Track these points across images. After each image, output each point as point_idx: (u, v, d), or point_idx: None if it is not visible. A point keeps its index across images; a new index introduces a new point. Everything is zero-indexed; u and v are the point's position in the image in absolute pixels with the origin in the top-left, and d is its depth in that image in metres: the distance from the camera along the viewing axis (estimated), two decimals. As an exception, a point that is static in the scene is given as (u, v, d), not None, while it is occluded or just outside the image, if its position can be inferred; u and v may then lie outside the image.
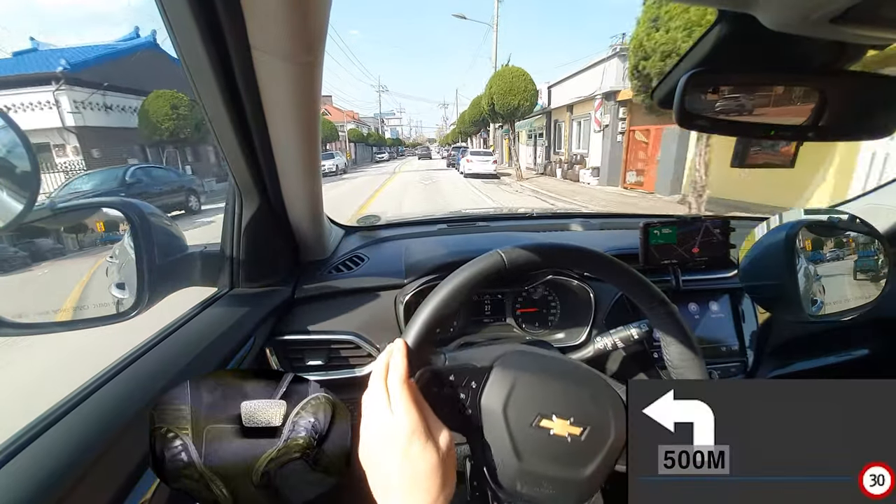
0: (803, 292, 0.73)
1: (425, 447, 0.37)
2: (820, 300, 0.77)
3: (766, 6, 0.30)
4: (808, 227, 0.77)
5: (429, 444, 0.37)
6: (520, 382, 0.45)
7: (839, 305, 0.78)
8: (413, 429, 0.37)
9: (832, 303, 0.78)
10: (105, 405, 0.46)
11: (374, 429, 0.39)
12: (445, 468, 0.37)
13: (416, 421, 0.38)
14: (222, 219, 0.74)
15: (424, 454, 0.37)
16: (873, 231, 0.79)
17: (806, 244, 0.79)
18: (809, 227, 0.78)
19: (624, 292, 0.49)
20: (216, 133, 0.55)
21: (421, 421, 0.38)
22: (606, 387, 0.47)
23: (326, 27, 0.42)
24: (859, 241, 0.81)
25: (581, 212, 1.83)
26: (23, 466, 0.37)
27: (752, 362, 0.88)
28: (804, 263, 0.77)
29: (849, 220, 0.81)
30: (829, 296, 0.78)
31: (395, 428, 0.38)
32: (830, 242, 0.81)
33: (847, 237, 0.81)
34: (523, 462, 0.43)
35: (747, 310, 0.91)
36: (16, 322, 0.50)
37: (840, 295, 0.79)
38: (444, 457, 0.38)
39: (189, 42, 0.43)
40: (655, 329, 0.50)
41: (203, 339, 0.60)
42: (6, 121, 0.42)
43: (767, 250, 0.78)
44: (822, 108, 0.40)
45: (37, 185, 0.43)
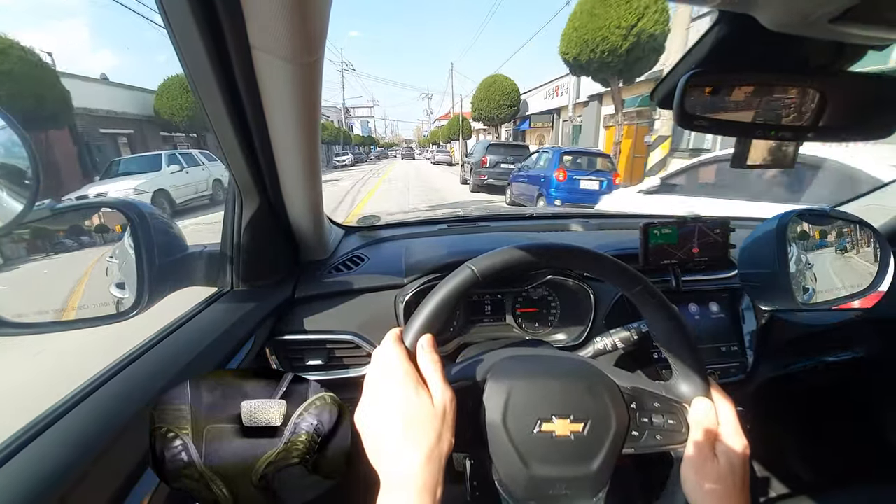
0: (795, 281, 0.74)
1: (417, 393, 0.38)
2: (812, 288, 0.78)
3: (765, 6, 0.30)
4: (800, 216, 0.78)
5: (420, 391, 0.39)
6: (514, 391, 0.45)
7: (830, 294, 0.78)
8: (405, 373, 0.39)
9: (823, 291, 0.78)
10: (105, 405, 0.46)
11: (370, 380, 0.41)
12: (440, 423, 0.38)
13: (408, 369, 0.40)
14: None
15: (417, 399, 0.38)
16: (864, 222, 0.80)
17: (798, 233, 0.79)
18: (802, 217, 0.79)
19: (605, 280, 0.49)
20: (216, 133, 0.55)
21: (414, 372, 0.40)
22: (600, 375, 0.48)
23: (327, 27, 0.42)
24: (851, 230, 0.81)
25: (581, 212, 1.83)
26: (23, 466, 0.37)
27: (751, 363, 0.88)
28: (796, 252, 0.77)
29: (842, 212, 0.82)
30: (820, 284, 0.79)
31: (390, 373, 0.40)
32: (822, 232, 0.81)
33: (839, 227, 0.82)
34: (532, 469, 0.43)
35: (747, 310, 0.91)
36: (16, 322, 0.50)
37: (831, 283, 0.79)
38: (440, 411, 0.38)
39: (189, 42, 0.43)
40: (643, 314, 0.50)
41: (203, 338, 0.60)
42: (6, 121, 0.42)
43: (760, 240, 0.78)
44: (821, 109, 0.40)
45: (37, 184, 0.43)
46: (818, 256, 0.80)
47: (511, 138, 21.31)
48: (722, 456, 0.43)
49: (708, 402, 0.46)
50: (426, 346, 0.42)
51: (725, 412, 0.46)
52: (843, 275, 0.80)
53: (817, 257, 0.80)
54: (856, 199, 1.18)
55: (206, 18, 0.41)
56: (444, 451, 0.37)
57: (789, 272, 0.73)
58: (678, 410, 0.47)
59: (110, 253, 0.60)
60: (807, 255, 0.79)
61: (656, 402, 0.47)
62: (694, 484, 0.43)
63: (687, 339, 0.47)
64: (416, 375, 0.40)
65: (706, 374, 0.48)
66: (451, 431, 0.38)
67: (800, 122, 0.41)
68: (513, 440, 0.43)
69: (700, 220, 0.88)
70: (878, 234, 0.79)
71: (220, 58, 0.45)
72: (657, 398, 0.48)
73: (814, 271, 0.79)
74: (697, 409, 0.46)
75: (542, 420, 0.44)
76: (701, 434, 0.44)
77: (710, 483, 0.42)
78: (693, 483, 0.43)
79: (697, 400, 0.46)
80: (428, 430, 0.37)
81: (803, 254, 0.79)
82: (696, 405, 0.46)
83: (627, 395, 0.47)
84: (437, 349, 0.43)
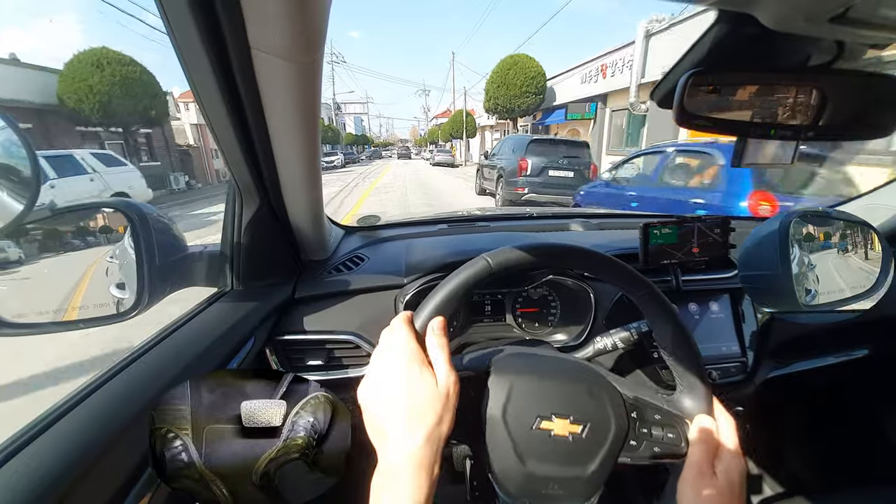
0: (797, 282, 0.74)
1: (422, 374, 0.39)
2: (814, 290, 0.78)
3: (765, 5, 0.30)
4: (802, 217, 0.78)
5: (426, 372, 0.39)
6: (517, 386, 0.45)
7: (833, 295, 0.78)
8: (411, 355, 0.39)
9: (826, 292, 0.78)
10: (105, 405, 0.46)
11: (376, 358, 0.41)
12: (443, 406, 0.38)
13: (416, 349, 0.40)
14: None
15: (422, 380, 0.38)
16: (865, 223, 0.80)
17: (801, 235, 0.79)
18: (804, 218, 0.78)
19: (606, 280, 0.49)
20: (216, 133, 0.55)
21: (421, 353, 0.40)
22: (602, 379, 0.48)
23: (327, 27, 0.42)
24: (853, 231, 0.81)
25: (581, 212, 1.83)
26: (23, 466, 0.37)
27: (751, 363, 0.88)
28: (798, 253, 0.77)
29: (844, 213, 0.82)
30: (823, 285, 0.78)
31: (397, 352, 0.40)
32: (825, 233, 0.81)
33: (842, 228, 0.81)
34: (527, 466, 0.43)
35: (747, 310, 0.91)
36: (16, 322, 0.50)
37: (834, 285, 0.79)
38: (444, 393, 0.38)
39: (188, 41, 0.43)
40: (645, 314, 0.50)
41: (203, 338, 0.60)
42: (6, 121, 0.42)
43: (762, 241, 0.78)
44: (821, 108, 0.40)
45: (37, 185, 0.43)
46: (821, 258, 0.80)
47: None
48: (721, 474, 0.42)
49: (710, 419, 0.46)
50: (436, 328, 0.42)
51: (726, 430, 0.45)
52: (845, 276, 0.80)
53: (820, 259, 0.79)
54: (856, 199, 1.18)
55: (206, 18, 0.41)
56: (444, 433, 0.38)
57: (792, 274, 0.73)
58: (678, 424, 0.47)
59: (110, 253, 0.60)
60: (809, 257, 0.79)
61: (657, 415, 0.47)
62: (691, 500, 0.42)
63: (692, 353, 0.47)
64: (423, 357, 0.40)
65: (710, 389, 0.47)
66: (452, 414, 0.39)
67: (799, 121, 0.41)
68: (511, 434, 0.43)
69: (700, 219, 0.88)
70: (879, 235, 0.79)
71: (220, 58, 0.45)
72: (659, 410, 0.47)
73: (816, 273, 0.79)
74: (699, 425, 0.45)
75: (542, 417, 0.44)
76: (701, 450, 0.44)
77: (707, 500, 0.41)
78: (690, 499, 0.42)
79: (700, 417, 0.46)
80: (430, 412, 0.37)
81: (806, 255, 0.78)
82: (699, 421, 0.46)
83: (629, 404, 0.47)
84: (447, 333, 0.43)
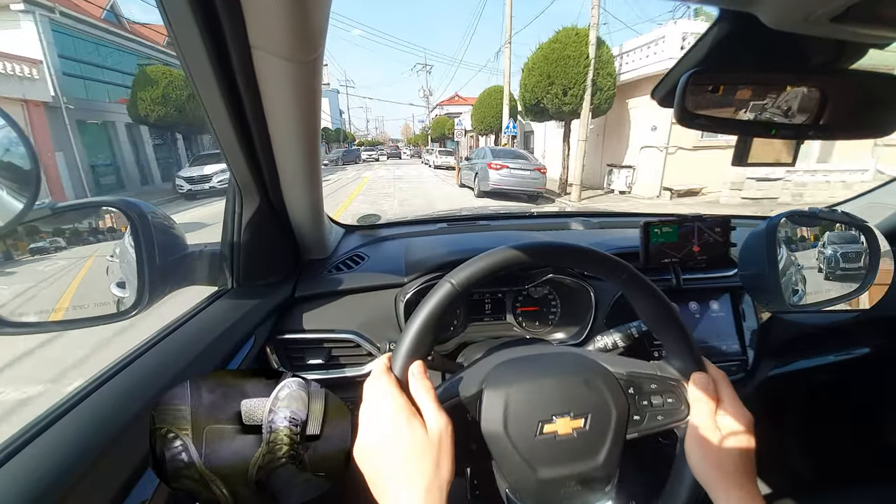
0: (784, 282, 0.74)
1: (410, 425, 0.37)
2: (801, 290, 0.78)
3: (766, 5, 0.30)
4: (790, 218, 0.78)
5: (414, 422, 0.37)
6: (511, 398, 0.44)
7: (820, 296, 0.78)
8: (397, 408, 0.38)
9: (813, 293, 0.78)
10: (105, 404, 0.46)
11: (363, 416, 0.40)
12: (437, 452, 0.37)
13: (399, 399, 0.38)
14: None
15: (410, 432, 0.37)
16: (856, 221, 0.79)
17: (789, 236, 0.79)
18: (792, 218, 0.79)
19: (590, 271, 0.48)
20: (216, 132, 0.55)
21: (406, 403, 0.39)
22: (594, 365, 0.48)
23: (327, 26, 0.42)
24: (843, 232, 0.81)
25: (581, 211, 1.83)
26: (23, 466, 0.37)
27: (752, 361, 0.89)
28: (785, 254, 0.77)
29: (833, 212, 0.81)
30: (810, 286, 0.79)
31: (381, 407, 0.39)
32: (813, 233, 0.81)
33: (831, 229, 0.81)
34: (540, 473, 0.43)
35: (748, 309, 0.91)
36: (16, 321, 0.50)
37: (821, 285, 0.79)
38: (436, 440, 0.37)
39: (189, 41, 0.43)
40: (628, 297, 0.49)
41: (203, 338, 0.60)
42: (6, 121, 0.42)
43: (752, 241, 0.79)
44: (822, 107, 0.40)
45: (37, 183, 0.43)
46: (808, 258, 0.80)
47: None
48: (724, 427, 0.43)
49: (705, 376, 0.46)
50: (416, 373, 0.41)
51: (722, 385, 0.46)
52: (832, 276, 0.80)
53: (807, 259, 0.80)
54: (856, 199, 1.18)
55: (207, 17, 0.41)
56: (445, 479, 0.36)
57: (778, 274, 0.73)
58: (676, 388, 0.47)
59: (111, 252, 0.60)
60: (796, 257, 0.79)
61: (653, 384, 0.47)
62: (699, 457, 0.43)
63: (674, 318, 0.47)
64: (409, 406, 0.38)
65: (697, 350, 0.47)
66: (449, 458, 0.37)
67: (800, 120, 0.41)
68: (517, 447, 0.43)
69: (701, 218, 0.88)
70: (871, 234, 0.78)
71: (220, 57, 0.45)
72: (654, 379, 0.47)
73: (803, 273, 0.79)
74: (696, 383, 0.45)
75: (543, 422, 0.43)
76: (701, 407, 0.44)
77: (714, 454, 0.42)
78: (698, 456, 0.43)
79: (696, 375, 0.46)
80: (425, 462, 0.36)
81: (793, 256, 0.79)
82: (695, 380, 0.46)
83: (624, 382, 0.47)
84: (428, 375, 0.42)
